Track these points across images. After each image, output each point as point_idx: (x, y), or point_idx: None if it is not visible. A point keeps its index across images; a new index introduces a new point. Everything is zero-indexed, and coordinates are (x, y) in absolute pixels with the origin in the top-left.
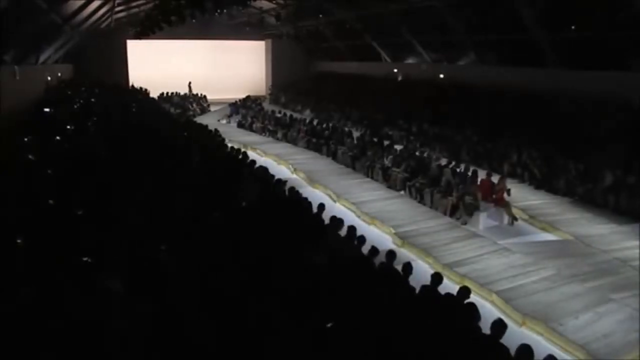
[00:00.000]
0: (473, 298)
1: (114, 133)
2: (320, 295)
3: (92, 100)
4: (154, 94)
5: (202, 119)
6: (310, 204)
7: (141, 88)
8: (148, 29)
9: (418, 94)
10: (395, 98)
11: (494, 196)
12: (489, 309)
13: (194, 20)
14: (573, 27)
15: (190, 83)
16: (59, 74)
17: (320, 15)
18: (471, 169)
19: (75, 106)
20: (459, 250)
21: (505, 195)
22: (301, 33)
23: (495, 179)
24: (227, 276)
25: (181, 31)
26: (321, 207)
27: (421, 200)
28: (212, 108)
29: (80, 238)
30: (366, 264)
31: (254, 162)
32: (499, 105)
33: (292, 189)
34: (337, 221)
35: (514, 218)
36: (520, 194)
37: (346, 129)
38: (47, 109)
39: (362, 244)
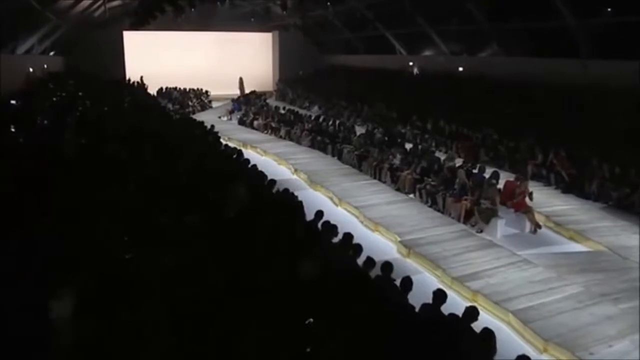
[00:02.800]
0: (486, 318)
1: (93, 129)
2: (301, 316)
3: (80, 94)
4: (154, 88)
5: (201, 116)
6: (301, 208)
7: (137, 82)
8: (142, 19)
9: (435, 89)
10: (410, 93)
11: (513, 200)
12: (505, 332)
13: (192, 10)
14: (609, 10)
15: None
16: (45, 66)
17: (328, 4)
18: (489, 170)
19: (54, 99)
20: (472, 261)
21: (527, 199)
22: (309, 24)
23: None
24: (196, 291)
25: (182, 22)
26: (319, 214)
27: (432, 205)
28: (215, 104)
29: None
30: (359, 278)
31: (247, 161)
32: (523, 100)
33: (286, 191)
34: (330, 228)
35: (536, 225)
36: (545, 199)
37: (356, 126)
38: (14, 101)
39: (358, 254)
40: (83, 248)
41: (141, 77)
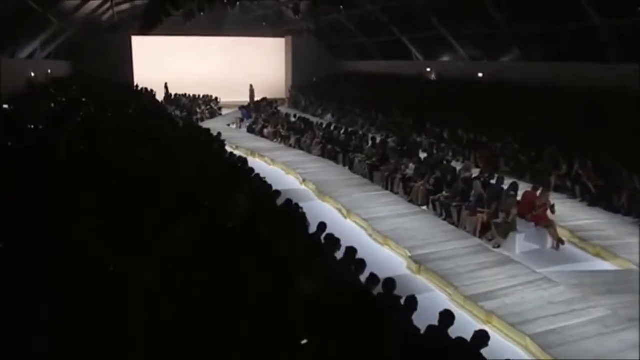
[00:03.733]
0: (501, 342)
1: (91, 133)
2: (294, 336)
3: (83, 99)
4: (162, 95)
5: (209, 124)
6: (303, 220)
7: (145, 88)
8: (150, 23)
9: (452, 96)
10: (426, 101)
11: (534, 213)
12: (521, 358)
13: (202, 14)
14: None
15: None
16: (49, 71)
17: (341, 7)
18: (508, 181)
19: (53, 104)
20: (487, 279)
21: (548, 212)
22: (323, 28)
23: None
24: (178, 309)
25: (192, 27)
26: (321, 226)
27: (446, 218)
28: (225, 111)
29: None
30: (359, 295)
31: (251, 170)
32: (546, 107)
33: (288, 202)
34: (332, 241)
35: (559, 241)
36: (570, 212)
37: (370, 135)
38: (6, 106)
39: (361, 270)
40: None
41: (165, 84)
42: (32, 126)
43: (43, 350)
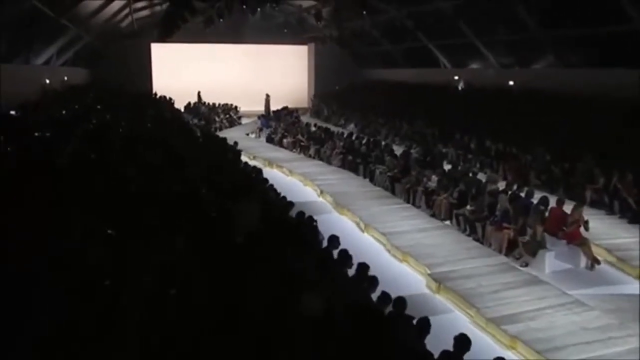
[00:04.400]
0: None
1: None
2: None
3: (98, 107)
4: (181, 103)
5: (228, 133)
6: (315, 234)
7: (164, 97)
8: (167, 30)
9: (481, 105)
10: (454, 110)
11: (564, 229)
12: None
13: (221, 21)
14: None
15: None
16: (65, 78)
17: (364, 13)
18: (539, 194)
19: (64, 111)
20: (512, 300)
21: (581, 229)
22: (346, 35)
23: (569, 207)
24: (174, 326)
25: (212, 34)
26: (333, 240)
27: (471, 233)
28: (245, 120)
29: None
30: (368, 315)
31: (265, 181)
32: (582, 117)
33: (301, 215)
34: (344, 257)
35: (594, 260)
36: (607, 229)
37: (394, 145)
38: (13, 112)
39: (373, 288)
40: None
41: (198, 93)
42: (39, 133)
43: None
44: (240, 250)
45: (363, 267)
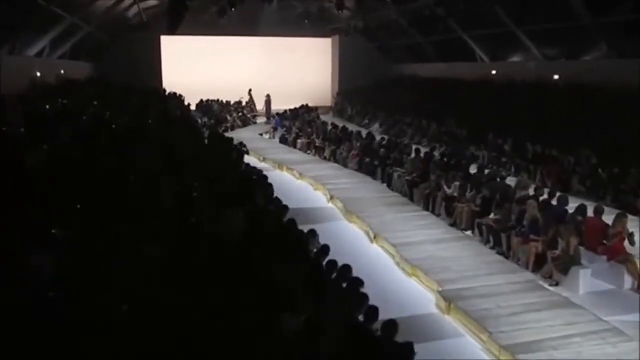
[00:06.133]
0: None
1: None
2: None
3: (95, 103)
4: (194, 100)
5: (240, 133)
6: (306, 243)
7: (174, 93)
8: (173, 20)
9: (520, 102)
10: (490, 108)
11: (605, 243)
12: None
13: (233, 9)
14: None
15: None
16: (62, 71)
17: (390, 1)
18: (577, 201)
19: (47, 106)
20: (534, 325)
21: (625, 243)
22: (372, 26)
23: (610, 217)
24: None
25: (226, 27)
26: (323, 249)
27: (495, 245)
28: (260, 120)
29: None
30: (354, 339)
31: (262, 184)
32: (637, 114)
33: (291, 222)
34: (335, 269)
35: None
36: None
37: (421, 147)
38: None
39: (361, 307)
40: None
41: (249, 91)
42: (6, 128)
43: None
44: (219, 262)
45: (355, 282)
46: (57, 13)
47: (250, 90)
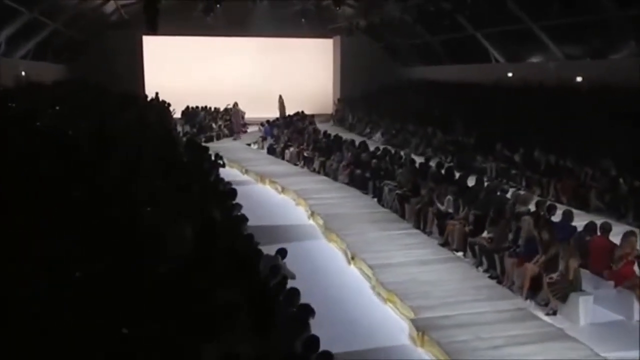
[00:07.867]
0: None
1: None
2: None
3: (57, 108)
4: (179, 107)
5: (226, 143)
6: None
7: (154, 98)
8: (151, 18)
9: (537, 108)
10: (505, 114)
11: (612, 268)
12: None
13: (218, 6)
14: None
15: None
16: (22, 73)
17: None
18: (585, 218)
19: None
20: None
21: (635, 267)
22: (376, 24)
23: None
24: None
25: (216, 26)
26: (274, 270)
27: (489, 268)
28: (252, 129)
29: None
30: None
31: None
32: None
33: (248, 239)
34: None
35: None
36: None
37: (415, 156)
38: None
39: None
40: None
41: (280, 97)
42: None
43: None
44: (151, 287)
45: (304, 309)
46: (11, 6)
47: (280, 96)
